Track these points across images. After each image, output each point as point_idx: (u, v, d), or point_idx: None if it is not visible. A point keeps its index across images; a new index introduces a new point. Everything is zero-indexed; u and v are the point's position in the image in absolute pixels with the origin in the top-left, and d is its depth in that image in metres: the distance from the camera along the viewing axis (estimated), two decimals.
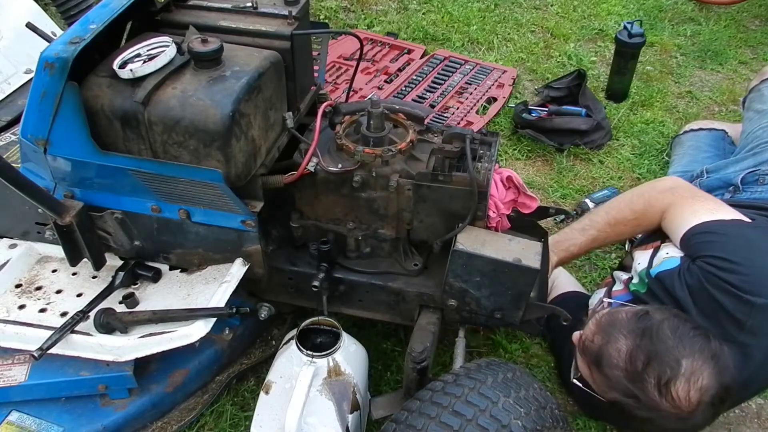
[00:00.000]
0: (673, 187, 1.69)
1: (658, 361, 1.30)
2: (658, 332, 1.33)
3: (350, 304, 1.64)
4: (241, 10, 1.50)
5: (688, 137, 2.47)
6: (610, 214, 1.77)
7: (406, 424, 1.23)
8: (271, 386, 1.42)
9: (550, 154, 2.56)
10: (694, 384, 1.28)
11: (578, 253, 1.84)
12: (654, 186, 1.74)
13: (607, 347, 1.36)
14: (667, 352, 1.30)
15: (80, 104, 1.25)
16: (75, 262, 1.49)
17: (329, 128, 1.54)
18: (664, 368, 1.29)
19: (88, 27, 1.28)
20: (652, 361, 1.30)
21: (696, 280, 1.46)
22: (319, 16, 3.36)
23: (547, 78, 2.95)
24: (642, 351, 1.32)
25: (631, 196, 1.76)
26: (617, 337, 1.36)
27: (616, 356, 1.34)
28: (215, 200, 1.37)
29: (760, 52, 3.18)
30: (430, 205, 1.48)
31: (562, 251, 1.80)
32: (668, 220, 1.63)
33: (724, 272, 1.42)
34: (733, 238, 1.50)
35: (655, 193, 1.69)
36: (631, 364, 1.32)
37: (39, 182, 1.38)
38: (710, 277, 1.44)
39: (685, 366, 1.28)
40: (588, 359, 1.41)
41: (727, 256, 1.44)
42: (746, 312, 1.40)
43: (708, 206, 1.59)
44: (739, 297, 1.40)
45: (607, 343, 1.37)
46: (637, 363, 1.31)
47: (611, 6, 3.48)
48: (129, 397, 1.56)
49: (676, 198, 1.64)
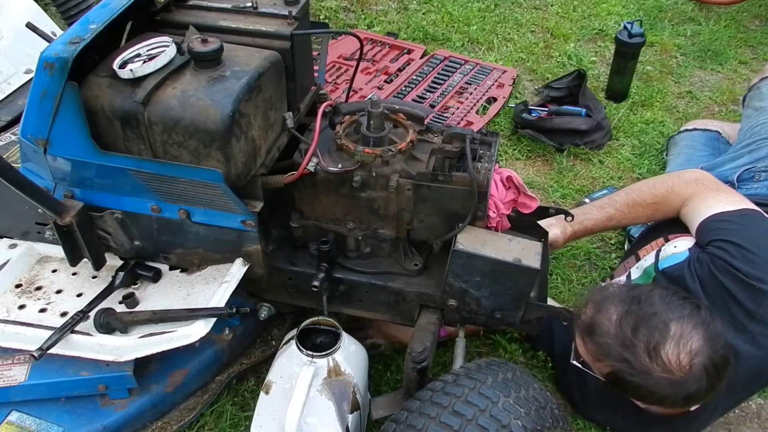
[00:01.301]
0: (699, 179, 1.70)
1: (646, 325, 1.31)
2: (648, 299, 1.35)
3: (350, 304, 1.64)
4: (241, 10, 1.50)
5: (683, 137, 2.48)
6: (630, 195, 1.78)
7: (406, 424, 1.23)
8: (271, 386, 1.42)
9: (550, 154, 2.56)
10: (683, 347, 1.28)
11: (592, 229, 1.84)
12: (680, 175, 1.75)
13: (599, 316, 1.38)
14: (655, 315, 1.32)
15: (80, 104, 1.25)
16: (75, 262, 1.49)
17: (329, 128, 1.54)
18: (652, 332, 1.30)
19: (88, 27, 1.28)
20: (640, 325, 1.32)
21: (706, 269, 1.46)
22: (319, 16, 3.36)
23: (547, 78, 2.95)
24: (631, 316, 1.34)
25: (655, 181, 1.77)
26: (608, 306, 1.38)
27: (607, 324, 1.36)
28: (215, 200, 1.37)
29: (760, 52, 3.18)
30: (430, 205, 1.48)
31: (576, 224, 1.80)
32: (689, 207, 1.64)
33: (737, 260, 1.43)
34: (752, 227, 1.51)
35: (679, 181, 1.70)
36: (621, 329, 1.34)
37: (39, 182, 1.38)
38: (720, 263, 1.44)
39: (674, 329, 1.30)
40: (582, 332, 1.42)
41: (743, 243, 1.44)
42: (758, 301, 1.40)
43: (732, 198, 1.60)
44: (751, 286, 1.40)
45: (599, 312, 1.39)
46: (627, 328, 1.33)
47: (611, 6, 3.48)
48: (129, 397, 1.56)
49: (701, 188, 1.65)
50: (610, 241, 2.22)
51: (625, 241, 2.17)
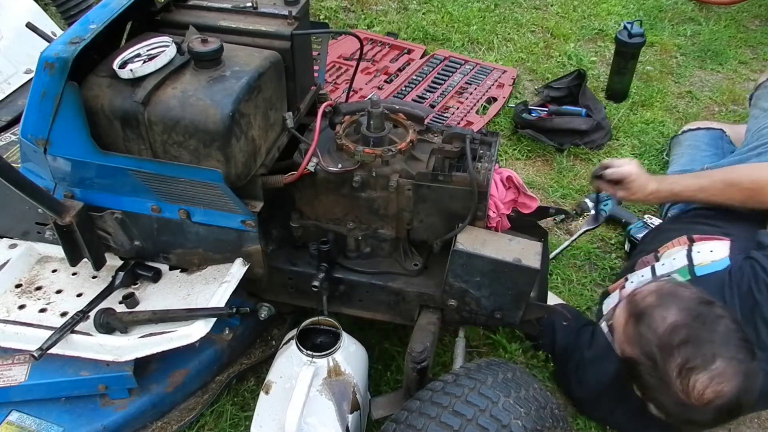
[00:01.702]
0: None
1: (695, 346, 1.28)
2: (712, 324, 1.31)
3: (350, 304, 1.64)
4: (241, 10, 1.50)
5: (686, 137, 2.46)
6: (729, 174, 1.75)
7: (406, 424, 1.23)
8: (271, 386, 1.42)
9: (550, 154, 2.56)
10: (715, 385, 1.26)
11: (678, 193, 1.80)
12: None
13: (657, 309, 1.35)
14: (710, 344, 1.28)
15: (80, 104, 1.25)
16: (75, 262, 1.49)
17: (329, 128, 1.54)
18: (696, 355, 1.27)
19: (88, 27, 1.28)
20: (689, 343, 1.28)
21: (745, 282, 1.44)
22: (319, 16, 3.36)
23: (547, 78, 2.95)
24: (687, 330, 1.30)
25: (760, 167, 1.74)
26: (671, 306, 1.34)
27: (660, 321, 1.32)
28: (215, 200, 1.37)
29: (760, 52, 3.18)
30: (430, 205, 1.48)
31: (665, 182, 1.78)
32: None
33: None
34: None
35: None
36: (669, 336, 1.30)
37: (39, 182, 1.38)
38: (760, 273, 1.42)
39: (717, 366, 1.26)
40: (630, 311, 1.39)
41: None
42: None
43: None
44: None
45: (658, 307, 1.35)
46: (675, 338, 1.30)
47: (611, 6, 3.48)
48: (129, 397, 1.56)
49: None
50: (610, 241, 2.22)
51: (625, 241, 2.17)
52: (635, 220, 2.19)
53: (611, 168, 1.79)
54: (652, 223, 2.14)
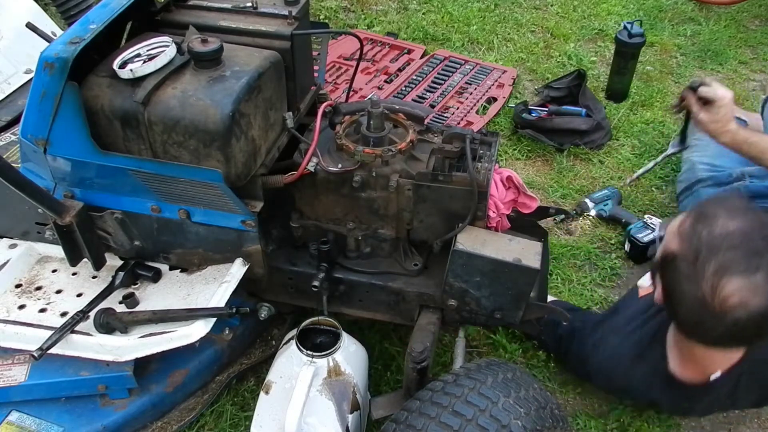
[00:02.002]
0: None
1: (744, 253, 1.23)
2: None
3: (350, 304, 1.64)
4: (241, 10, 1.50)
5: None
6: None
7: (406, 424, 1.24)
8: (271, 386, 1.42)
9: (550, 154, 2.56)
10: (745, 292, 1.21)
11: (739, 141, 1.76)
12: None
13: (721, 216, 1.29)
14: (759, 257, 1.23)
15: (80, 104, 1.25)
16: (75, 262, 1.49)
17: (329, 128, 1.54)
18: (741, 261, 1.23)
19: (88, 27, 1.28)
20: (739, 249, 1.23)
21: None
22: (319, 16, 3.36)
23: (547, 78, 2.95)
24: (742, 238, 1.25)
25: None
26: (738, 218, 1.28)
27: (721, 225, 1.27)
28: (215, 200, 1.38)
29: (760, 52, 3.18)
30: (430, 205, 1.48)
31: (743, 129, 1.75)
32: None
33: None
34: None
35: None
36: (723, 237, 1.25)
37: (39, 182, 1.38)
38: None
39: (758, 279, 1.21)
40: (696, 212, 1.33)
41: None
42: None
43: None
44: None
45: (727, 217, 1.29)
46: (728, 240, 1.25)
47: (611, 6, 3.48)
48: (129, 397, 1.56)
49: None
50: (610, 241, 2.22)
51: (625, 241, 2.17)
52: (635, 220, 2.19)
53: (709, 86, 1.77)
54: (652, 223, 2.14)
